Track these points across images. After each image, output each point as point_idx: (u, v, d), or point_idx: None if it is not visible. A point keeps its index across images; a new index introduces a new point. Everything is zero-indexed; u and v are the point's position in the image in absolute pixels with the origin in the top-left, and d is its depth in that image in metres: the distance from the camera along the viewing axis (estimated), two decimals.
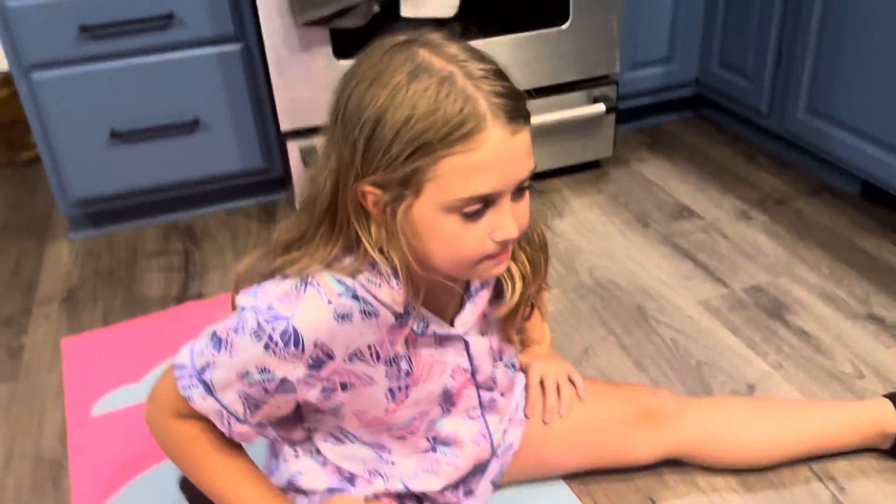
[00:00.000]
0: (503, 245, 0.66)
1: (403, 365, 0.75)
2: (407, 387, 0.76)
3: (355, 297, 0.68)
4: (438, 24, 0.96)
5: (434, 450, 0.86)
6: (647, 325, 1.31)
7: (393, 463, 0.84)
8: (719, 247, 1.52)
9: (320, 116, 0.72)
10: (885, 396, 1.01)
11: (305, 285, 0.68)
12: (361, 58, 0.67)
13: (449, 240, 0.65)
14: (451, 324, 0.77)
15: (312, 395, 0.73)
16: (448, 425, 0.85)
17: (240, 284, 0.75)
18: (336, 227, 0.68)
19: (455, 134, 0.59)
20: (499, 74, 0.63)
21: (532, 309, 0.89)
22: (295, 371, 0.69)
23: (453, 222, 0.64)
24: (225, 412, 0.72)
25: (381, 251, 0.66)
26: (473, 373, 0.82)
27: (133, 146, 1.59)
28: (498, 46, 1.60)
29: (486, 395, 0.86)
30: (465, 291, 0.77)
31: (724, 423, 1.01)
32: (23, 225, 1.80)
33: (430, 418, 0.83)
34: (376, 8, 1.43)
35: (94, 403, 1.19)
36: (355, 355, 0.72)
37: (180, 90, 1.58)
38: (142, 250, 1.67)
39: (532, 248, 0.81)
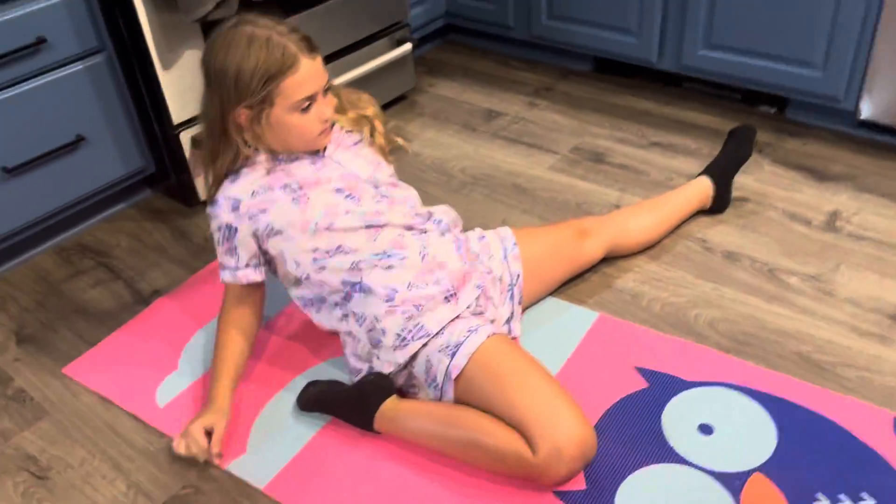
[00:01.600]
0: (326, 122, 1.17)
1: (292, 184, 1.18)
2: (303, 192, 1.18)
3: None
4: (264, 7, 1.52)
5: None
6: (528, 194, 1.77)
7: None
8: (532, 129, 2.02)
9: None
10: (701, 174, 1.62)
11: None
12: (214, 37, 1.14)
13: (296, 126, 1.15)
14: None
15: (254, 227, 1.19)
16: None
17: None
18: (228, 141, 1.16)
19: (284, 67, 1.09)
20: (294, 29, 1.12)
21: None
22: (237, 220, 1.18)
23: (296, 116, 1.14)
24: (230, 271, 1.21)
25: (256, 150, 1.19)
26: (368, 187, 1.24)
27: (23, 178, 1.57)
28: (319, 15, 1.89)
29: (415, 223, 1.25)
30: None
31: (625, 224, 1.52)
32: None
33: (379, 239, 1.20)
34: None
35: (154, 399, 1.30)
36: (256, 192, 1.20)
37: (59, 111, 1.58)
38: (53, 277, 1.65)
39: (363, 103, 1.32)
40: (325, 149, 1.24)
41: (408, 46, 2.09)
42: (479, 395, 1.14)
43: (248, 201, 1.18)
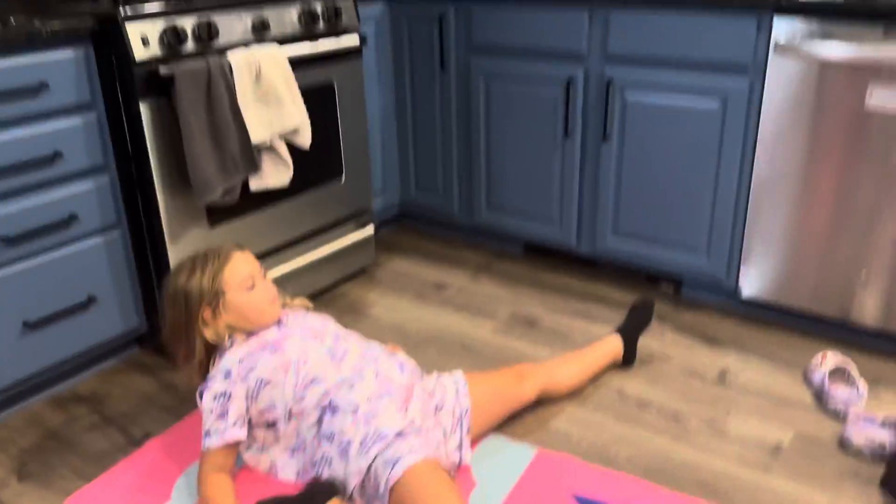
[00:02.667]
0: (274, 296, 1.48)
1: (269, 344, 1.44)
2: (278, 345, 1.43)
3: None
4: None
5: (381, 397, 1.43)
6: (473, 352, 2.04)
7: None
8: (475, 299, 2.33)
9: None
10: (615, 332, 1.90)
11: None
12: (176, 268, 1.49)
13: (249, 303, 1.45)
14: None
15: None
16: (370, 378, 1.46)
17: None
18: (197, 341, 1.44)
19: (223, 261, 1.43)
20: (239, 247, 1.50)
21: None
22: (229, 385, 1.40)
23: (246, 295, 1.44)
24: (218, 434, 1.37)
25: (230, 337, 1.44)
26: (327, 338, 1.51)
27: (37, 332, 1.75)
28: (300, 203, 2.19)
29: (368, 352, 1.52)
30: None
31: (555, 371, 1.77)
32: None
33: (345, 377, 1.44)
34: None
35: None
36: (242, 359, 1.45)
37: (77, 274, 1.78)
38: (50, 423, 1.78)
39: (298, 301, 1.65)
40: (279, 321, 1.52)
41: (370, 229, 2.42)
42: None
43: (237, 368, 1.41)
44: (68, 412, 1.82)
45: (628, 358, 1.89)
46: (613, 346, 1.88)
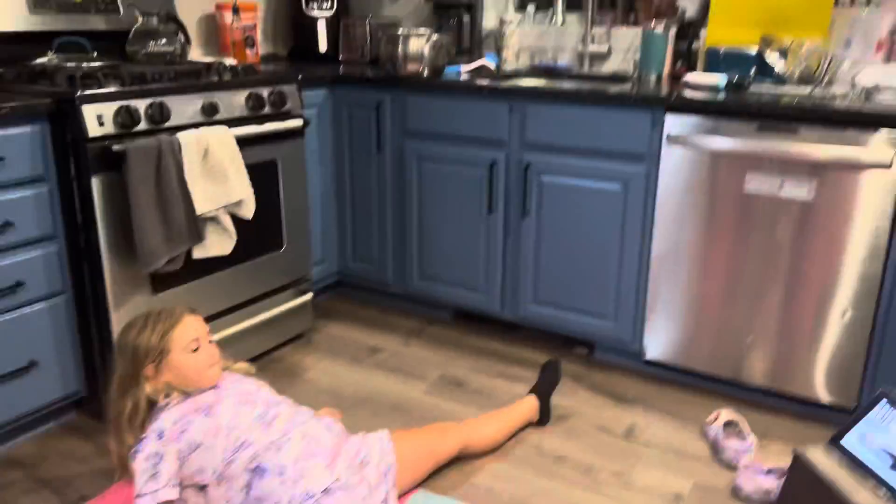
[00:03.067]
0: (215, 360, 1.51)
1: (202, 407, 1.46)
2: (211, 409, 1.46)
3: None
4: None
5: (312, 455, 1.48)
6: (404, 412, 2.08)
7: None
8: (407, 362, 2.39)
9: None
10: (529, 393, 1.97)
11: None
12: (129, 323, 1.50)
13: (191, 365, 1.47)
14: None
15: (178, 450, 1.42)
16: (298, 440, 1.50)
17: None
18: (140, 397, 1.44)
19: (174, 321, 1.46)
20: (191, 310, 1.53)
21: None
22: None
23: (190, 357, 1.46)
24: (150, 495, 1.36)
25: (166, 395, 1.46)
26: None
27: None
28: (242, 271, 2.22)
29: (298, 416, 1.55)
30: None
31: (477, 429, 1.83)
32: None
33: (274, 438, 1.47)
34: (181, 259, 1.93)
35: None
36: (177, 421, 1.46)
37: (20, 339, 1.77)
38: None
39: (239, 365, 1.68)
40: (216, 385, 1.54)
41: (308, 296, 2.47)
42: None
43: (170, 429, 1.41)
44: (4, 476, 1.77)
45: (544, 417, 1.97)
46: (530, 405, 1.96)
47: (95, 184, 1.76)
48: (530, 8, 2.79)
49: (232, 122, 2.07)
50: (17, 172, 1.70)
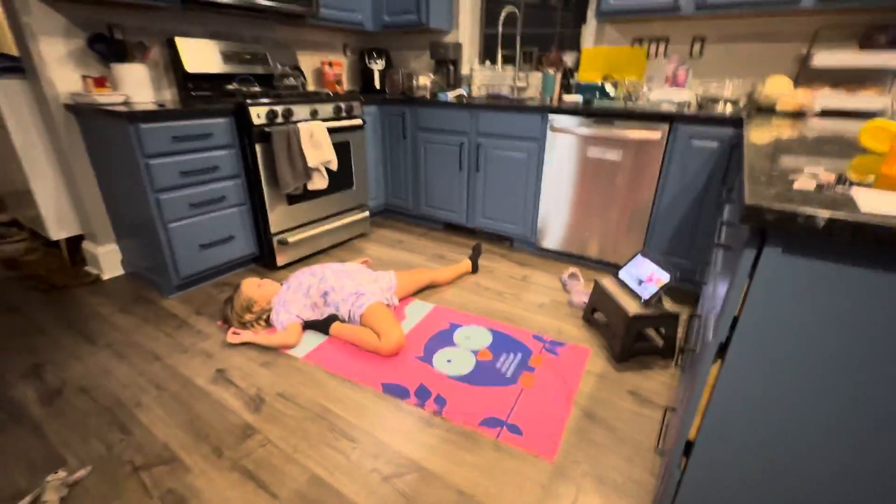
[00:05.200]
0: (258, 282, 1.71)
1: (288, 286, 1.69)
2: (296, 285, 1.71)
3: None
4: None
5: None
6: (412, 268, 2.35)
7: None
8: (417, 246, 2.57)
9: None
10: (468, 258, 2.19)
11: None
12: (237, 287, 1.64)
13: (262, 291, 1.66)
14: None
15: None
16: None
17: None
18: (253, 311, 1.62)
19: (243, 289, 1.67)
20: (245, 280, 1.70)
21: None
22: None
23: (257, 289, 1.66)
24: (287, 317, 1.59)
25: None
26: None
27: (208, 250, 2.03)
28: (332, 197, 2.39)
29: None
30: None
31: (440, 273, 2.03)
32: None
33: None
34: (305, 185, 2.19)
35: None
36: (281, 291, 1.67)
37: (225, 224, 2.02)
38: (211, 293, 2.01)
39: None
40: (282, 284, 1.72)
41: (366, 213, 2.70)
42: (368, 321, 1.63)
43: (280, 298, 1.68)
44: (220, 289, 2.08)
45: (474, 269, 2.19)
46: (467, 264, 2.18)
47: (258, 149, 2.00)
48: (487, 62, 2.88)
49: (325, 120, 2.27)
50: (220, 141, 1.95)
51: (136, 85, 1.91)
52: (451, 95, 2.57)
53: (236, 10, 2.10)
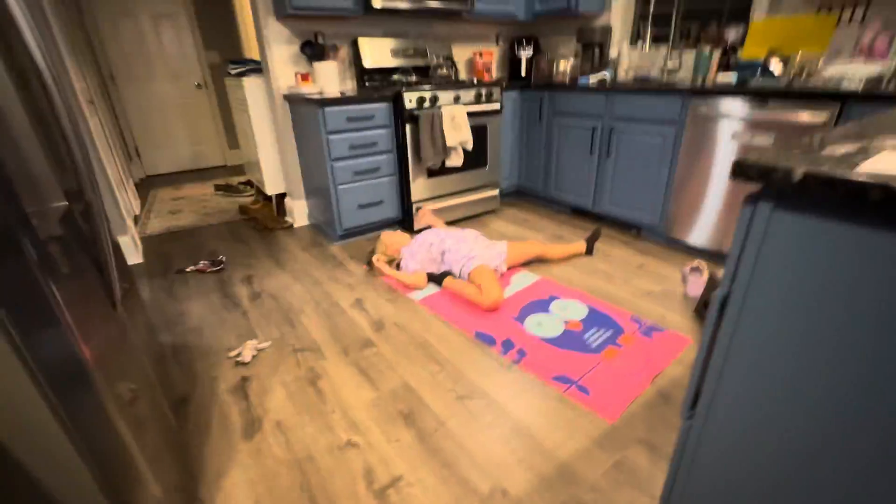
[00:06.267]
0: (393, 231, 2.16)
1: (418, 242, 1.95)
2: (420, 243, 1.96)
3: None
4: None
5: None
6: (529, 241, 2.60)
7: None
8: (539, 225, 2.76)
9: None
10: (584, 240, 2.24)
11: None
12: (379, 236, 2.00)
13: (393, 238, 2.09)
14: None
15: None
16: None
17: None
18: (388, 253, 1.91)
19: (384, 238, 2.01)
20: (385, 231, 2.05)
21: None
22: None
23: (393, 238, 2.09)
24: (414, 267, 1.88)
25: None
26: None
27: (364, 209, 2.56)
28: (467, 174, 2.66)
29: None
30: None
31: (552, 248, 2.13)
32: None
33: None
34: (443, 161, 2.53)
35: None
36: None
37: (378, 190, 2.46)
38: (364, 247, 2.57)
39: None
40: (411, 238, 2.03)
41: (497, 191, 2.91)
42: (474, 278, 1.84)
43: (409, 250, 1.98)
44: (369, 243, 2.55)
45: (589, 251, 2.23)
46: (581, 245, 2.22)
47: (407, 129, 2.37)
48: (638, 43, 2.77)
49: (466, 104, 2.52)
50: (380, 122, 2.38)
51: (328, 78, 2.49)
52: (592, 79, 2.57)
53: (406, 12, 2.49)
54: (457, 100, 2.48)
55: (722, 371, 0.69)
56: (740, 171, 0.61)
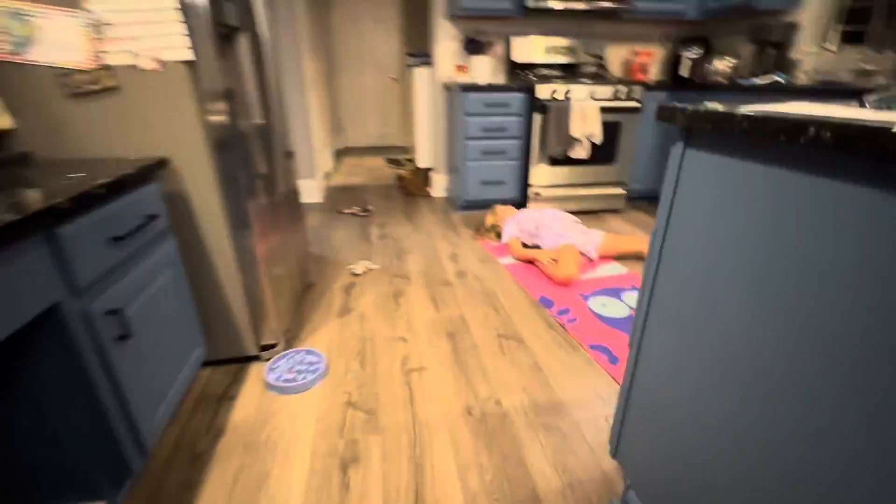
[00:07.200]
0: (504, 208, 2.25)
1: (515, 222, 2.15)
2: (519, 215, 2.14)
3: None
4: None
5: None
6: (627, 234, 2.58)
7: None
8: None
9: None
10: None
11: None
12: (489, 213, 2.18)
13: (504, 210, 2.24)
14: None
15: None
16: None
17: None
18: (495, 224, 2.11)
19: (496, 211, 2.21)
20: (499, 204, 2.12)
21: None
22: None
23: (502, 210, 2.29)
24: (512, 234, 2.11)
25: None
26: None
27: (488, 186, 2.96)
28: (592, 168, 2.74)
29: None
30: None
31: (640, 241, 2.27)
32: None
33: None
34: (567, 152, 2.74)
35: None
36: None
37: (502, 170, 2.91)
38: (481, 219, 3.02)
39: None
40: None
41: (622, 190, 2.90)
42: (557, 253, 2.01)
43: (511, 224, 2.25)
44: (483, 216, 2.90)
45: None
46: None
47: (536, 118, 2.63)
48: (827, 44, 2.45)
49: (600, 100, 2.63)
50: (513, 110, 2.67)
51: (481, 70, 2.91)
52: (760, 81, 2.41)
53: (561, 12, 2.73)
54: (591, 95, 2.61)
55: (658, 296, 0.79)
56: (664, 114, 0.75)
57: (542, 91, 2.56)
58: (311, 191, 3.22)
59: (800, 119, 0.51)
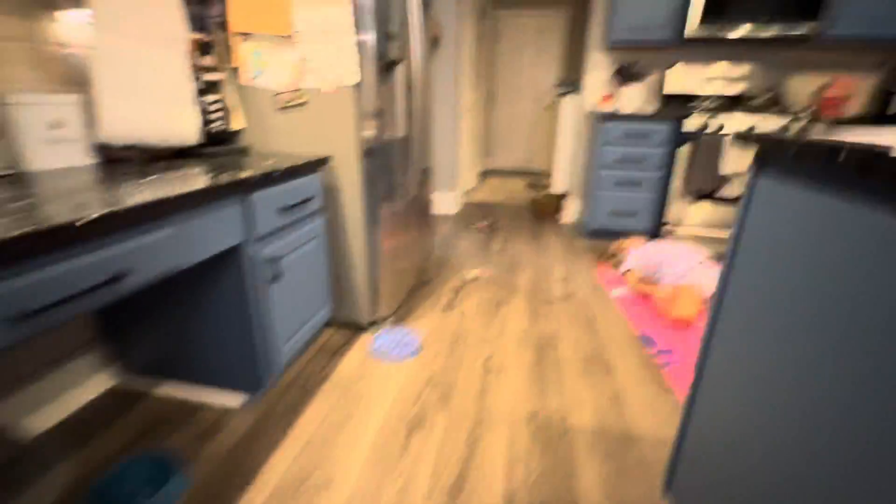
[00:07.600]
0: (635, 237, 1.75)
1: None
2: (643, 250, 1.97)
3: None
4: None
5: None
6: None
7: None
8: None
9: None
10: None
11: None
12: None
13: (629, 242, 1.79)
14: None
15: None
16: None
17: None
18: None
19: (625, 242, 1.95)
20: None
21: None
22: None
23: (628, 241, 1.66)
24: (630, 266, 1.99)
25: None
26: None
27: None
28: (731, 211, 2.52)
29: None
30: None
31: None
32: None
33: None
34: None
35: None
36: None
37: (633, 204, 2.84)
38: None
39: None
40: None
41: None
42: (676, 292, 1.88)
43: (640, 248, 2.15)
44: (609, 245, 2.86)
45: None
46: None
47: (679, 151, 2.49)
48: None
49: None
50: (656, 141, 2.55)
51: (629, 100, 2.90)
52: None
53: (731, 41, 2.53)
54: (750, 129, 2.39)
55: (724, 315, 0.77)
56: (743, 138, 0.75)
57: (692, 123, 2.43)
58: (448, 203, 3.58)
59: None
